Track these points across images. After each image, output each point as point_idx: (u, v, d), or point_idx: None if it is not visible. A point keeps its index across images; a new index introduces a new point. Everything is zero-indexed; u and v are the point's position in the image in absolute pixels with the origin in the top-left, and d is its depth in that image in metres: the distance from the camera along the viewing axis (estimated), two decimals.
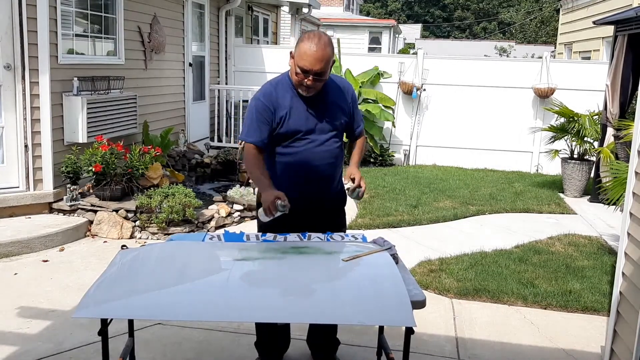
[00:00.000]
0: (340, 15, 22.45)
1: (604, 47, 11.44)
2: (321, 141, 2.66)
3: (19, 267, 4.26)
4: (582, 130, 7.18)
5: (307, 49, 2.49)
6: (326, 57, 2.50)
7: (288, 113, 2.62)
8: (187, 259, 2.47)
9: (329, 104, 2.68)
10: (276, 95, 2.63)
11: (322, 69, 2.51)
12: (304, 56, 2.49)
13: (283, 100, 2.62)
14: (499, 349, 3.32)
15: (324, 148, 2.66)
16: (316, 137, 2.65)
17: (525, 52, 26.35)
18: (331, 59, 2.54)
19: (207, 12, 8.49)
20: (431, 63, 9.10)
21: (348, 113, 2.75)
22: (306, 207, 2.68)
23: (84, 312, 1.96)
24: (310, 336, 3.05)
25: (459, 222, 5.95)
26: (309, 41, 2.50)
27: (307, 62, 2.49)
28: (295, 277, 2.28)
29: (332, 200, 2.81)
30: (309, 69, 2.50)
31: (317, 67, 2.50)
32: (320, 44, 2.49)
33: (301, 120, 2.63)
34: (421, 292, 2.24)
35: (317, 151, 2.65)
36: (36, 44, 4.95)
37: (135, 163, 5.30)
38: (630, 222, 2.72)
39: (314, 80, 2.53)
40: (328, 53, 2.51)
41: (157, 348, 3.14)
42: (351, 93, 2.77)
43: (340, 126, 2.71)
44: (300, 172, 2.67)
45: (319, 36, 2.52)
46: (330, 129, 2.67)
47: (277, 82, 2.69)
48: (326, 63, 2.52)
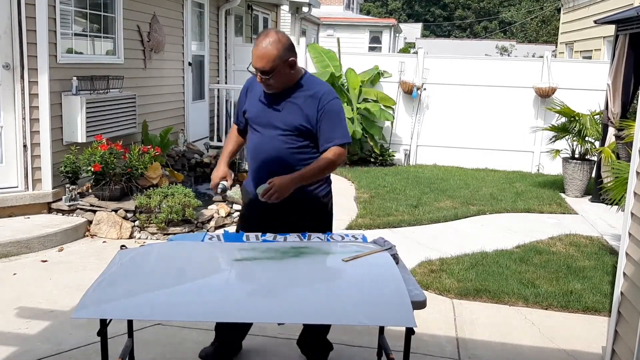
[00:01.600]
0: (341, 14, 22.43)
1: (605, 47, 11.43)
2: (269, 136, 2.69)
3: (18, 268, 4.25)
4: (583, 130, 7.17)
5: (254, 47, 2.56)
6: (267, 55, 2.52)
7: (251, 100, 2.77)
8: (187, 259, 2.47)
9: (289, 104, 2.67)
10: (254, 84, 2.75)
11: (265, 67, 2.54)
12: (253, 55, 2.57)
13: (256, 87, 2.74)
14: (499, 350, 3.31)
15: (270, 144, 2.69)
16: (266, 131, 2.70)
17: (527, 52, 26.33)
18: (276, 58, 2.53)
19: (206, 12, 8.48)
20: (431, 62, 9.09)
21: (311, 121, 2.65)
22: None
23: (83, 313, 1.95)
24: (302, 337, 3.02)
25: (459, 222, 5.94)
26: (257, 40, 2.58)
27: (253, 60, 2.56)
28: (295, 278, 2.27)
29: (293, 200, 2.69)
30: (256, 67, 2.56)
31: (260, 65, 2.54)
32: (263, 43, 2.53)
33: (257, 111, 2.73)
34: (422, 293, 2.23)
35: (264, 145, 2.71)
36: (35, 43, 4.94)
37: (135, 163, 5.29)
38: (632, 222, 2.70)
39: (262, 78, 2.58)
40: (270, 52, 2.52)
41: (157, 348, 3.13)
42: (324, 103, 2.65)
43: (294, 129, 2.65)
44: (253, 160, 2.78)
45: (266, 35, 2.56)
46: (281, 128, 2.66)
47: None
48: (268, 61, 2.52)
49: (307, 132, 2.67)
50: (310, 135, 2.69)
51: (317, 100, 2.65)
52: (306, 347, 3.02)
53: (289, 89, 2.67)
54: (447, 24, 47.01)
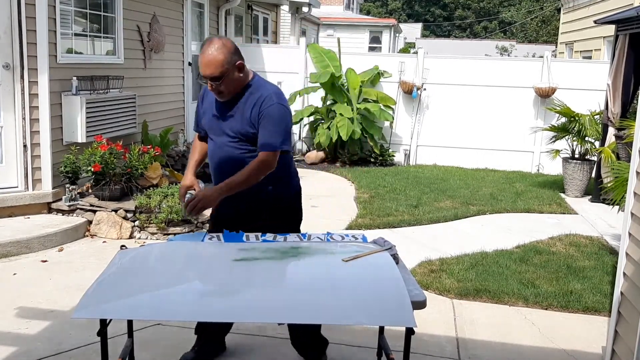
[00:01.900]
0: (341, 14, 22.42)
1: (605, 47, 11.43)
2: (220, 144, 2.72)
3: (18, 268, 4.25)
4: (583, 130, 7.17)
5: (200, 55, 2.56)
6: (215, 61, 2.52)
7: (205, 109, 2.81)
8: (187, 259, 2.47)
9: (237, 110, 2.67)
10: (208, 92, 2.76)
11: (214, 73, 2.54)
12: (200, 63, 2.57)
13: (209, 97, 2.77)
14: (499, 350, 3.31)
15: (223, 150, 2.72)
16: (218, 139, 2.73)
17: (527, 52, 26.32)
18: (224, 63, 2.53)
19: (206, 12, 8.48)
20: (431, 62, 9.09)
21: (255, 126, 2.64)
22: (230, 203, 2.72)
23: (83, 313, 1.95)
24: (293, 338, 2.99)
25: (459, 222, 5.94)
26: (202, 48, 2.57)
27: (202, 69, 2.56)
28: (295, 278, 2.28)
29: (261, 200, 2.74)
30: (204, 74, 2.57)
31: (209, 72, 2.54)
32: (208, 50, 2.53)
33: (210, 119, 2.77)
34: (422, 293, 2.23)
35: (218, 152, 2.74)
36: (35, 43, 4.94)
37: (135, 163, 5.29)
38: (632, 222, 2.70)
39: (212, 85, 2.58)
40: (217, 57, 2.52)
41: (157, 348, 3.13)
42: (264, 108, 2.62)
43: (242, 135, 2.66)
44: (211, 166, 2.81)
45: (211, 42, 2.56)
46: (230, 135, 2.68)
47: None
48: (216, 67, 2.53)
49: (254, 137, 2.67)
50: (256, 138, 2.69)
51: (259, 105, 2.64)
52: (301, 347, 3.00)
53: (238, 95, 2.67)
54: (447, 24, 47.01)
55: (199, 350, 2.97)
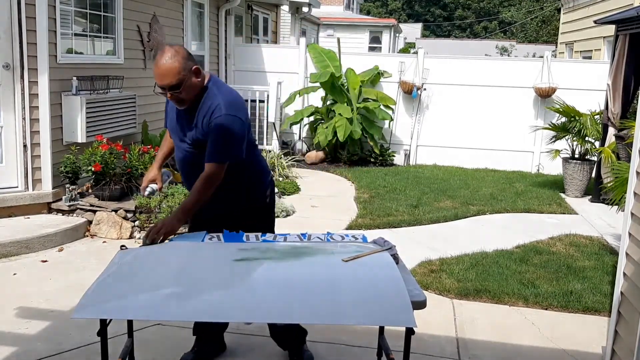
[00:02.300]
0: (341, 14, 22.41)
1: (605, 47, 11.42)
2: (182, 149, 2.74)
3: (18, 268, 4.25)
4: (583, 130, 7.17)
5: (154, 67, 2.53)
6: (171, 70, 2.48)
7: (169, 112, 2.81)
8: (187, 259, 2.46)
9: (193, 118, 2.65)
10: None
11: (172, 82, 2.50)
12: (154, 75, 2.54)
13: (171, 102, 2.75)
14: (499, 350, 3.31)
15: (184, 156, 2.74)
16: (180, 144, 2.75)
17: (527, 52, 26.32)
18: (180, 70, 2.49)
19: (206, 12, 8.48)
20: (431, 62, 9.09)
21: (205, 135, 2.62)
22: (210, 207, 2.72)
23: (83, 313, 1.95)
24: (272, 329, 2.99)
25: (459, 222, 5.94)
26: (157, 59, 2.52)
27: (157, 79, 2.53)
28: (295, 278, 2.27)
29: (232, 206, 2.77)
30: (160, 85, 2.53)
31: (167, 82, 2.50)
32: (162, 60, 2.49)
33: (172, 125, 2.78)
34: (422, 293, 2.23)
35: (179, 155, 2.77)
36: (35, 44, 4.94)
37: (135, 163, 5.29)
38: (632, 222, 2.70)
39: (172, 95, 2.55)
40: (172, 65, 2.48)
41: (157, 348, 3.13)
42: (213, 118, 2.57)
43: (197, 143, 2.64)
44: (178, 167, 2.84)
45: (163, 52, 2.52)
46: (187, 142, 2.70)
47: None
48: (173, 76, 2.49)
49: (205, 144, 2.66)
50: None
51: (209, 115, 2.59)
52: (281, 339, 2.99)
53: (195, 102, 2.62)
54: (447, 24, 47.00)
55: (199, 350, 2.97)
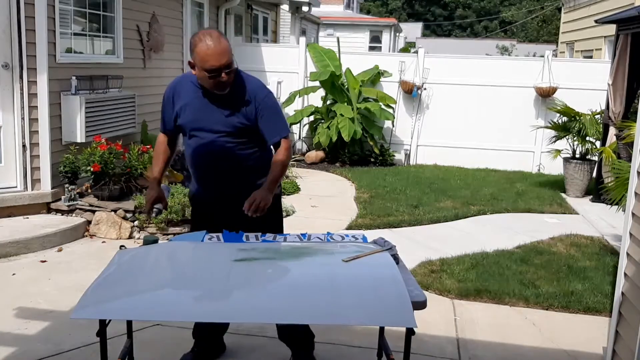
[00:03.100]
0: (341, 13, 22.40)
1: (606, 46, 11.41)
2: (210, 139, 2.67)
3: (17, 268, 4.24)
4: (584, 129, 7.16)
5: (206, 49, 2.49)
6: (226, 48, 2.52)
7: (183, 108, 2.71)
8: (186, 259, 2.46)
9: (228, 103, 2.64)
10: (180, 88, 2.72)
11: (228, 61, 2.52)
12: (207, 57, 2.49)
13: (184, 94, 2.70)
14: (500, 350, 3.30)
15: (212, 147, 2.68)
16: (206, 135, 2.67)
17: (527, 51, 26.30)
18: (230, 49, 2.54)
19: (206, 11, 8.47)
20: (432, 62, 9.08)
21: (249, 119, 2.65)
22: (216, 201, 2.75)
23: (82, 313, 1.95)
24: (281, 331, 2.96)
25: (460, 222, 5.93)
26: (204, 42, 2.50)
27: (214, 61, 2.49)
28: (295, 278, 2.26)
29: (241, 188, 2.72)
30: (217, 66, 2.50)
31: (224, 61, 2.50)
32: (214, 39, 2.49)
33: (192, 117, 2.69)
34: (422, 293, 2.22)
35: (206, 149, 2.69)
36: (34, 43, 4.93)
37: (134, 163, 5.28)
38: (633, 223, 2.69)
39: (227, 74, 2.53)
40: (225, 44, 2.52)
41: (156, 349, 3.12)
42: (260, 99, 2.66)
43: (234, 128, 2.64)
44: (196, 166, 2.77)
45: (210, 32, 2.53)
46: (220, 130, 2.65)
47: (187, 76, 2.73)
48: (229, 54, 2.53)
49: (246, 129, 2.67)
50: (249, 131, 2.69)
51: (253, 97, 2.64)
52: (291, 340, 2.96)
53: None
54: (448, 24, 46.99)
55: (198, 351, 2.96)
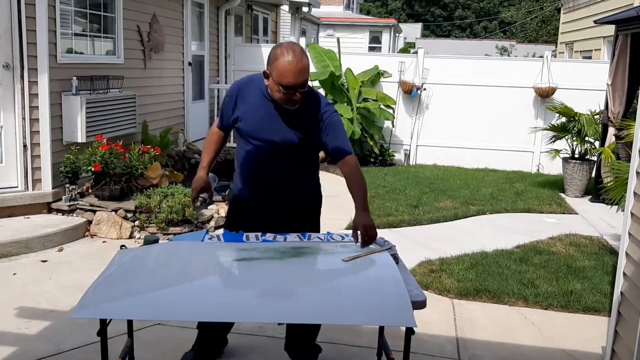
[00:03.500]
0: (341, 14, 22.42)
1: (605, 47, 11.42)
2: (266, 150, 2.64)
3: (18, 268, 4.25)
4: (583, 130, 7.17)
5: (286, 66, 2.42)
6: (306, 67, 2.48)
7: (246, 112, 2.66)
8: (186, 259, 2.46)
9: (292, 118, 2.60)
10: (246, 90, 2.67)
11: (306, 80, 2.49)
12: (285, 74, 2.43)
13: (250, 98, 2.65)
14: (499, 349, 3.31)
15: (269, 157, 2.65)
16: (264, 145, 2.64)
17: (527, 52, 26.32)
18: (308, 69, 2.50)
19: (206, 11, 8.48)
20: (431, 62, 9.09)
21: (311, 134, 2.62)
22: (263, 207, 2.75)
23: (82, 313, 1.95)
24: (289, 342, 2.96)
25: (459, 222, 5.94)
26: (285, 57, 2.43)
27: (291, 79, 2.43)
28: (295, 278, 2.27)
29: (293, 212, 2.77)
30: (293, 84, 2.44)
31: (301, 80, 2.46)
32: (297, 56, 2.43)
33: (253, 124, 2.65)
34: (422, 293, 2.23)
35: (262, 158, 2.66)
36: (35, 43, 4.93)
37: (135, 163, 5.28)
38: (632, 222, 2.70)
39: (301, 93, 2.49)
40: (307, 62, 2.48)
41: (157, 348, 3.13)
42: (326, 116, 2.61)
43: (295, 144, 2.62)
44: (248, 171, 2.74)
45: (293, 49, 2.45)
46: (280, 143, 2.62)
47: (256, 79, 2.68)
48: (307, 72, 2.49)
49: (306, 145, 2.65)
50: (308, 147, 2.67)
51: (318, 113, 2.60)
52: (295, 351, 2.94)
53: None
54: (447, 24, 46.99)
55: (199, 350, 2.96)
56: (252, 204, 2.78)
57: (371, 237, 2.48)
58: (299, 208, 2.79)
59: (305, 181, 2.79)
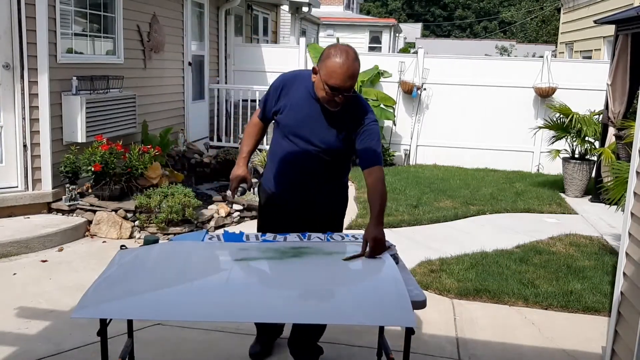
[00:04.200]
0: (341, 14, 22.42)
1: (605, 47, 11.43)
2: (304, 150, 2.63)
3: (18, 268, 4.25)
4: (583, 130, 7.17)
5: (336, 67, 2.41)
6: (356, 72, 2.45)
7: (288, 107, 2.65)
8: (187, 259, 2.46)
9: (330, 121, 2.59)
10: (291, 85, 2.66)
11: (353, 84, 2.47)
12: (334, 75, 2.41)
13: (295, 92, 2.64)
14: (499, 350, 3.31)
15: (305, 156, 2.65)
16: (302, 144, 2.64)
17: (527, 52, 26.31)
18: (358, 74, 2.48)
19: (206, 11, 8.48)
20: (431, 62, 9.09)
21: (349, 140, 2.61)
22: (294, 204, 2.78)
23: (82, 313, 1.95)
24: (292, 339, 3.00)
25: (459, 222, 5.94)
26: (337, 58, 2.42)
27: (338, 81, 2.42)
28: (295, 277, 2.27)
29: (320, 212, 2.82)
30: (339, 86, 2.43)
31: (348, 84, 2.44)
32: (349, 60, 2.41)
33: (295, 121, 2.64)
34: (422, 293, 2.23)
35: (298, 157, 2.66)
36: (35, 43, 4.93)
37: (135, 163, 5.29)
38: (632, 222, 2.70)
39: (344, 97, 2.48)
40: (357, 68, 2.46)
41: (157, 348, 3.13)
42: (367, 123, 2.59)
43: (332, 146, 2.62)
44: (282, 167, 2.74)
45: (347, 51, 2.44)
46: (318, 145, 2.62)
47: (303, 75, 2.68)
48: (355, 78, 2.47)
49: (343, 149, 2.65)
50: (344, 151, 2.67)
51: (360, 120, 2.59)
52: (296, 350, 2.98)
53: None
54: (447, 24, 46.99)
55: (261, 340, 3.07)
56: (279, 197, 2.80)
57: (379, 251, 2.45)
58: (328, 209, 2.84)
59: (337, 183, 2.82)
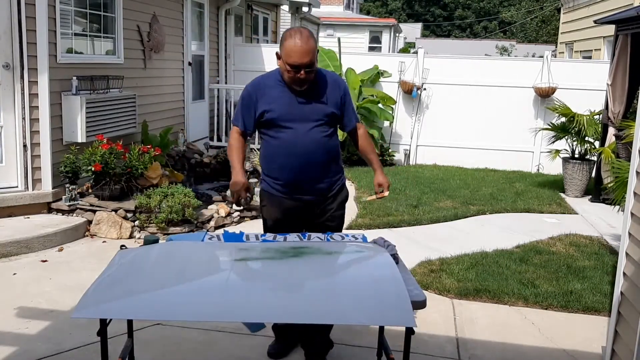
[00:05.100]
0: (341, 14, 22.42)
1: (605, 47, 11.43)
2: (304, 130, 2.77)
3: (18, 267, 4.25)
4: (583, 130, 7.17)
5: (292, 46, 2.63)
6: (311, 49, 2.65)
7: (271, 104, 2.79)
8: (187, 259, 2.46)
9: (316, 95, 2.79)
10: (264, 85, 2.83)
11: (311, 61, 2.65)
12: (292, 53, 2.63)
13: (270, 91, 2.80)
14: (499, 349, 3.31)
15: (307, 137, 2.78)
16: (299, 125, 2.77)
17: (527, 52, 26.31)
18: (316, 50, 2.69)
19: (206, 11, 8.48)
20: (431, 62, 9.09)
21: (338, 106, 2.85)
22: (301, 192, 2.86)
23: (82, 313, 1.95)
24: (303, 336, 3.05)
25: (459, 222, 5.94)
26: (292, 38, 2.64)
27: (296, 58, 2.63)
28: (295, 277, 2.27)
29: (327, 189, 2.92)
30: (299, 63, 2.64)
31: (306, 60, 2.64)
32: (303, 38, 2.63)
33: (283, 110, 2.78)
34: (421, 292, 2.23)
35: (300, 139, 2.78)
36: (35, 43, 4.94)
37: (135, 163, 5.29)
38: (632, 222, 2.70)
39: (306, 73, 2.67)
40: (312, 45, 2.66)
41: (157, 348, 3.13)
42: (343, 87, 2.89)
43: (327, 117, 2.81)
44: (287, 158, 2.82)
45: (300, 31, 2.67)
46: (315, 119, 2.79)
47: (269, 75, 2.88)
48: (312, 54, 2.66)
49: (335, 117, 2.86)
50: (337, 119, 2.89)
51: (337, 86, 2.85)
52: (306, 341, 3.04)
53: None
54: (447, 24, 46.99)
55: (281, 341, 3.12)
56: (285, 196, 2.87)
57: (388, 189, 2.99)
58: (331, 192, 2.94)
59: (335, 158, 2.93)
